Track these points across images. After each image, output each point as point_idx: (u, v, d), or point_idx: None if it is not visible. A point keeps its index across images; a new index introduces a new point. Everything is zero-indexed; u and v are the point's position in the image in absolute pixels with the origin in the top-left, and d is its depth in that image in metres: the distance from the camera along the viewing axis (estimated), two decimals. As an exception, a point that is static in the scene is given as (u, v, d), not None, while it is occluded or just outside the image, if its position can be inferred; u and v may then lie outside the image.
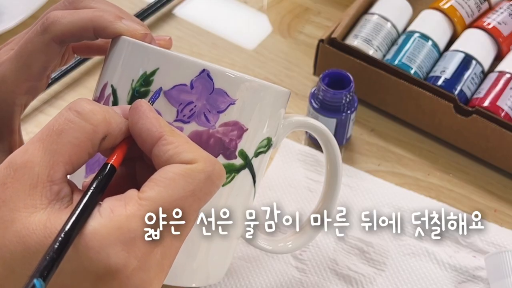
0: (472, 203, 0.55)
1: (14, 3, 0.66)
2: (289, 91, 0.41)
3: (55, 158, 0.28)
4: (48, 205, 0.27)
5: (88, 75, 0.64)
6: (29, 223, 0.27)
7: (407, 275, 0.49)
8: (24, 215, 0.27)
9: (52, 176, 0.28)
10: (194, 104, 0.35)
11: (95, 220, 0.27)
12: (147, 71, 0.35)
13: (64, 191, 0.28)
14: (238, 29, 0.69)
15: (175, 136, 0.30)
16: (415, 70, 0.59)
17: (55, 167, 0.28)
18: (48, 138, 0.28)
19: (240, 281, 0.49)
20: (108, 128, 0.29)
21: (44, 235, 0.26)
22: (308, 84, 0.63)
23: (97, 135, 0.29)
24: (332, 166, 0.45)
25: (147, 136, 0.30)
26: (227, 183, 0.37)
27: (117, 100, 0.36)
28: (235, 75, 0.36)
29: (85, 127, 0.29)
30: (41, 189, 0.27)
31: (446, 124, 0.57)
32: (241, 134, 0.37)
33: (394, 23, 0.63)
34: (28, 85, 0.40)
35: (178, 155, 0.29)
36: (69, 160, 0.28)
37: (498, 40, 0.61)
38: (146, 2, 0.70)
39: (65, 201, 0.28)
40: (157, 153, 0.30)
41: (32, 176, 0.27)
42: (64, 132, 0.28)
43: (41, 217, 0.27)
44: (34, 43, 0.38)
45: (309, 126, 0.43)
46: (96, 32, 0.37)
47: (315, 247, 0.50)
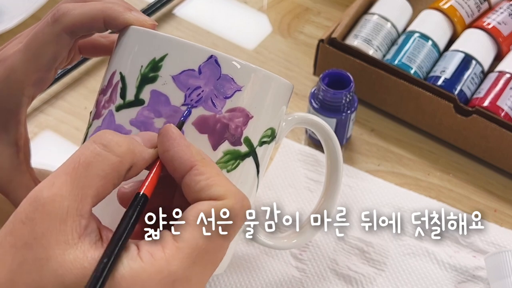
0: (472, 203, 0.55)
1: (14, 3, 0.66)
2: (292, 85, 0.41)
3: (84, 191, 0.28)
4: (78, 240, 0.27)
5: (88, 75, 0.64)
6: (64, 262, 0.26)
7: (407, 275, 0.49)
8: (58, 253, 0.26)
9: (81, 210, 0.28)
10: (202, 89, 0.36)
11: (136, 263, 0.27)
12: (156, 57, 0.36)
13: (91, 226, 0.28)
14: (238, 29, 0.70)
15: (206, 166, 0.30)
16: (415, 70, 0.59)
17: (84, 200, 0.28)
18: (75, 171, 0.28)
19: (240, 281, 0.49)
20: (133, 159, 0.30)
21: (83, 274, 0.26)
22: (308, 84, 0.63)
23: (123, 166, 0.29)
24: (332, 164, 0.45)
25: (179, 164, 0.30)
26: (232, 169, 0.38)
27: (125, 86, 0.37)
28: (242, 63, 0.37)
29: (111, 159, 0.29)
30: (71, 224, 0.27)
31: (446, 124, 0.57)
32: (246, 121, 0.37)
33: (394, 23, 0.63)
34: (37, 76, 0.40)
35: (209, 188, 0.30)
36: (96, 193, 0.28)
37: (498, 40, 0.61)
38: (146, 2, 0.70)
39: (93, 236, 0.28)
40: (188, 183, 0.30)
41: (62, 210, 0.27)
42: (91, 165, 0.28)
43: (76, 255, 0.26)
44: (45, 34, 0.39)
45: (310, 122, 0.43)
46: (106, 22, 0.38)
47: (315, 247, 0.50)
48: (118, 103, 0.37)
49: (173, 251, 0.28)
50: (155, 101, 0.36)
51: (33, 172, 0.44)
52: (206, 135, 0.36)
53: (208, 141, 0.36)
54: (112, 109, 0.37)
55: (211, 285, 0.48)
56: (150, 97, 0.36)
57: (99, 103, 0.38)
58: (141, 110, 0.36)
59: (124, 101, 0.36)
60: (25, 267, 0.26)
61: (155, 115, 0.36)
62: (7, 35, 0.61)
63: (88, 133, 0.39)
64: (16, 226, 0.27)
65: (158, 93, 0.36)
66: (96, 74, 0.64)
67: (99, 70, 0.64)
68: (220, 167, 0.37)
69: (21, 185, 0.43)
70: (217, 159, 0.37)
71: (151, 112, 0.36)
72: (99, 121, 0.38)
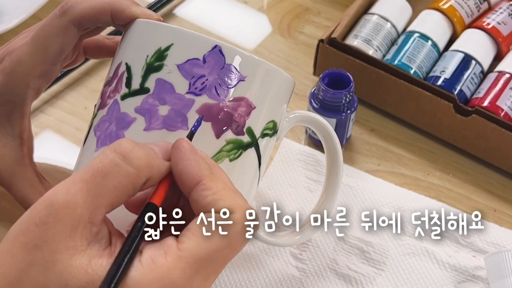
0: (472, 203, 0.55)
1: (14, 3, 0.66)
2: (294, 81, 0.42)
3: (98, 201, 0.28)
4: (87, 247, 0.27)
5: (88, 75, 0.64)
6: (70, 267, 0.27)
7: (407, 275, 0.49)
8: (65, 257, 0.27)
9: (93, 218, 0.28)
10: (206, 77, 0.36)
11: (136, 270, 0.27)
12: (162, 47, 0.37)
13: (102, 233, 0.28)
14: (238, 29, 0.70)
15: (214, 181, 0.30)
16: (414, 70, 0.59)
17: (97, 209, 0.28)
18: (92, 179, 0.28)
19: (240, 280, 0.49)
20: (151, 172, 0.30)
21: (86, 280, 0.27)
22: (308, 84, 0.63)
23: (140, 180, 0.29)
24: (332, 163, 0.45)
25: (186, 178, 0.30)
26: (234, 159, 0.38)
27: (131, 76, 0.37)
28: (246, 54, 0.37)
29: (129, 172, 0.29)
30: (81, 231, 0.27)
31: (446, 124, 0.57)
32: (249, 111, 0.38)
33: (394, 23, 0.63)
34: (43, 68, 0.40)
35: (215, 203, 0.30)
36: (110, 203, 0.29)
37: (498, 40, 0.61)
38: (146, 2, 0.70)
39: (103, 243, 0.28)
40: (196, 197, 0.30)
41: (74, 217, 0.27)
42: (109, 176, 0.28)
43: (82, 261, 0.27)
44: (52, 26, 0.39)
45: (311, 120, 0.44)
46: (113, 15, 0.39)
47: (315, 247, 0.51)
48: (124, 92, 0.37)
49: (175, 259, 0.28)
50: (160, 89, 0.36)
51: (35, 166, 0.44)
52: (210, 123, 0.36)
53: (212, 129, 0.36)
54: (117, 98, 0.37)
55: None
56: (155, 85, 0.36)
57: (104, 93, 0.39)
58: (146, 97, 0.36)
59: (129, 90, 0.37)
60: (33, 268, 0.27)
61: (159, 103, 0.36)
62: (7, 35, 0.61)
63: (92, 123, 0.39)
64: (29, 227, 0.28)
65: (163, 81, 0.36)
66: (96, 74, 0.64)
67: (99, 70, 0.64)
68: (223, 155, 0.37)
69: (24, 179, 0.43)
70: (220, 147, 0.37)
71: (156, 99, 0.36)
72: (104, 110, 0.38)
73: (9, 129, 0.42)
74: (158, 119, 0.36)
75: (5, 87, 0.40)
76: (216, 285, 0.48)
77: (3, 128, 0.41)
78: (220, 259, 0.29)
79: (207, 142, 0.37)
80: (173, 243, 0.29)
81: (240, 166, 0.39)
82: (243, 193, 0.40)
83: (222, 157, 0.37)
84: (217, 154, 0.37)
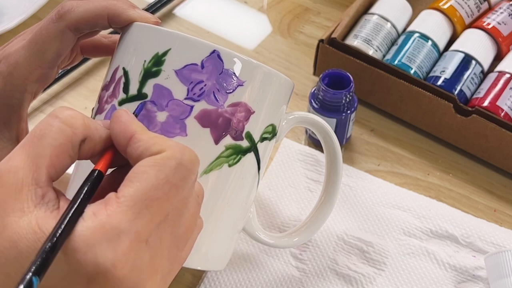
0: (472, 203, 0.55)
1: (14, 3, 0.66)
2: (293, 83, 0.42)
3: (38, 161, 0.29)
4: (34, 208, 0.28)
5: (88, 75, 0.64)
6: (19, 228, 0.27)
7: (407, 275, 0.49)
8: (13, 220, 0.27)
9: (36, 179, 0.28)
10: (204, 83, 0.36)
11: (79, 224, 0.28)
12: (159, 52, 0.36)
13: (49, 195, 0.29)
14: (238, 29, 0.70)
15: (145, 133, 0.31)
16: (415, 70, 0.59)
17: (38, 170, 0.29)
18: (30, 143, 0.29)
19: (240, 280, 0.49)
20: (87, 132, 0.30)
21: (34, 239, 0.27)
22: (308, 84, 0.63)
23: (76, 137, 0.30)
24: (332, 163, 0.45)
25: (120, 138, 0.31)
26: (234, 164, 0.38)
27: (128, 81, 0.37)
28: (244, 58, 0.37)
29: (64, 130, 0.29)
30: (26, 192, 0.28)
31: (446, 124, 0.57)
32: (248, 116, 0.38)
33: (394, 23, 0.63)
34: (40, 72, 0.40)
35: (147, 150, 0.30)
36: (51, 163, 0.29)
37: (498, 40, 0.61)
38: (146, 2, 0.70)
39: (50, 205, 0.28)
40: (130, 152, 0.31)
41: (16, 180, 0.28)
42: (45, 136, 0.29)
43: (30, 221, 0.27)
44: (49, 30, 0.39)
45: (310, 121, 0.44)
46: (110, 19, 0.39)
47: (315, 247, 0.51)
48: (121, 97, 0.37)
49: (114, 206, 0.28)
50: (158, 95, 0.36)
51: None
52: (209, 129, 0.36)
53: (210, 135, 0.36)
54: (115, 103, 0.37)
55: (211, 284, 0.48)
56: (153, 91, 0.36)
57: (101, 98, 0.39)
58: (143, 103, 0.36)
59: (127, 96, 0.37)
60: None
61: (157, 109, 0.36)
62: (7, 35, 0.61)
63: None
64: None
65: (161, 87, 0.36)
66: (96, 74, 0.64)
67: (99, 70, 0.64)
68: (222, 161, 0.37)
69: None
70: (219, 153, 0.37)
71: (153, 105, 0.36)
72: (102, 116, 0.38)
73: (7, 133, 0.41)
74: (156, 125, 0.36)
75: (2, 91, 0.40)
76: (216, 285, 0.48)
77: (0, 132, 0.41)
78: (163, 197, 0.29)
79: (206, 148, 0.37)
80: (113, 195, 0.29)
81: (240, 171, 0.38)
82: (242, 197, 0.40)
83: (221, 163, 0.37)
84: (216, 160, 0.37)
